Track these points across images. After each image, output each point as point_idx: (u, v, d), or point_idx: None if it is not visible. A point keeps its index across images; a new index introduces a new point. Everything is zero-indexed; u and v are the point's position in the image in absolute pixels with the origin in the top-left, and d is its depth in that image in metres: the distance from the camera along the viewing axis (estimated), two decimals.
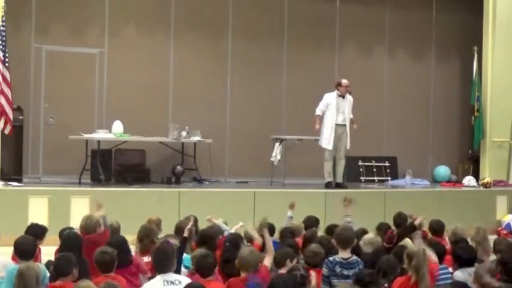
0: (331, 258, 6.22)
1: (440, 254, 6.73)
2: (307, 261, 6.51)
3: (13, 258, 6.65)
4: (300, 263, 6.40)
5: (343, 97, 12.38)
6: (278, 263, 6.16)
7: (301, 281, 5.86)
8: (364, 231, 7.99)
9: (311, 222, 8.71)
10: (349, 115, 12.45)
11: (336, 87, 12.46)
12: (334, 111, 12.31)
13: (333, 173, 12.52)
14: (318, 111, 12.36)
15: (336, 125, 12.33)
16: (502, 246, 6.99)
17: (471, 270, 6.22)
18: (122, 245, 6.45)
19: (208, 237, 7.13)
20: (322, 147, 12.41)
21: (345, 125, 12.39)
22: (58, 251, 6.65)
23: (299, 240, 7.67)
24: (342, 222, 8.00)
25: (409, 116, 15.29)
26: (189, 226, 6.88)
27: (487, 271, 5.58)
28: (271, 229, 7.76)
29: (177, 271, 5.94)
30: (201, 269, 5.87)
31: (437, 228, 8.33)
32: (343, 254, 6.24)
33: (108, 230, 7.59)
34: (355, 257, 6.26)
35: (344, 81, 12.47)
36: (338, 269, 6.13)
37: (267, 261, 6.19)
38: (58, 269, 5.84)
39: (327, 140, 12.31)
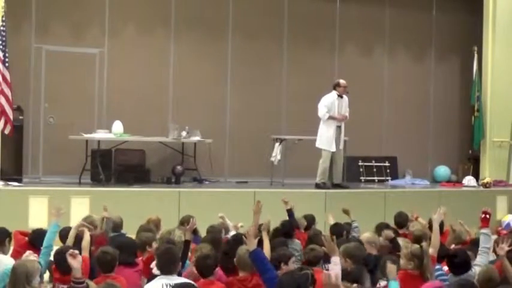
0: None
1: (442, 256, 6.71)
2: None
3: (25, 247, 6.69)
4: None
5: (342, 97, 12.37)
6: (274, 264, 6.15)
7: (311, 280, 5.90)
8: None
9: (309, 220, 8.77)
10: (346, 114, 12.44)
11: (334, 87, 12.45)
12: (336, 112, 12.28)
13: (331, 173, 12.50)
14: (325, 113, 12.19)
15: (337, 126, 12.32)
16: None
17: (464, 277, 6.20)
18: (129, 246, 6.45)
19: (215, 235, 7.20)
20: (323, 149, 12.33)
21: (340, 126, 12.36)
22: None
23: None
24: (352, 228, 8.29)
25: (409, 116, 15.28)
26: (189, 226, 6.87)
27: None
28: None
29: (179, 274, 5.92)
30: (201, 270, 5.87)
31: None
32: None
33: (105, 232, 7.60)
34: None
35: (342, 82, 12.46)
36: None
37: None
38: (59, 266, 5.86)
39: (329, 141, 12.26)
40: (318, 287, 6.03)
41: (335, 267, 5.43)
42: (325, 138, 12.30)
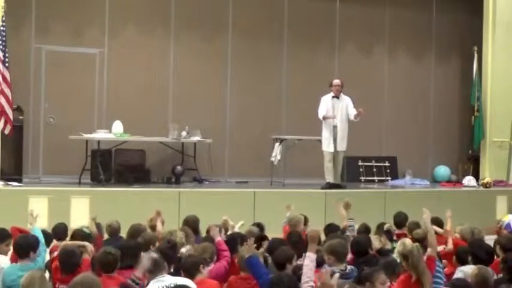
0: (332, 268, 6.19)
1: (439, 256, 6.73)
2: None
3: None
4: None
5: (338, 98, 12.30)
6: (279, 265, 6.15)
7: None
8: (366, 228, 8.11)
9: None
10: (351, 115, 12.31)
11: (329, 88, 12.44)
12: (331, 113, 12.23)
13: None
14: (322, 114, 12.22)
15: (333, 126, 12.27)
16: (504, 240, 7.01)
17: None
18: (132, 249, 6.45)
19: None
20: (323, 149, 12.34)
21: (336, 126, 12.28)
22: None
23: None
24: (347, 225, 8.25)
25: (409, 116, 15.29)
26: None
27: None
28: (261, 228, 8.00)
29: (179, 274, 5.92)
30: (186, 270, 5.87)
31: (435, 223, 8.32)
32: (340, 266, 6.22)
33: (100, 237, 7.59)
34: (349, 267, 6.27)
35: (334, 81, 12.40)
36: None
37: None
38: (64, 266, 5.86)
39: (327, 141, 12.26)
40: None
41: (310, 263, 5.43)
42: (323, 139, 12.31)
